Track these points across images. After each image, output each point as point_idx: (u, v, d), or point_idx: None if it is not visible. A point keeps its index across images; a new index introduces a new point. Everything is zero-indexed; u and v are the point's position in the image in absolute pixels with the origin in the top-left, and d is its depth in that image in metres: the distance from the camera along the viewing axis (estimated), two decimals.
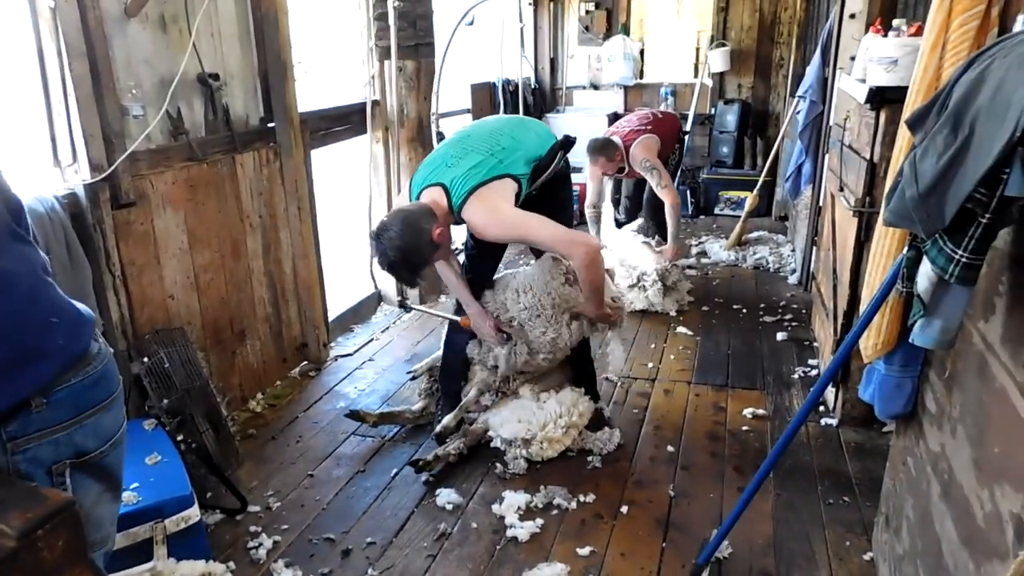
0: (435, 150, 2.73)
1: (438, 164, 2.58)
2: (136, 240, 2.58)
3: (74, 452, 1.28)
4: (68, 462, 1.27)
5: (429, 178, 2.56)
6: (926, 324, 1.47)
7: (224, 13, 2.93)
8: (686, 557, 2.25)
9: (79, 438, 1.29)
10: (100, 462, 1.33)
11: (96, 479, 1.33)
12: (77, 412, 1.28)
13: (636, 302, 4.28)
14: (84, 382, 1.29)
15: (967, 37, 1.58)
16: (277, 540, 2.36)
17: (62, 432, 1.26)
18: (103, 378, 1.34)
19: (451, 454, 2.75)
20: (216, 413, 2.67)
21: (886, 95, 2.51)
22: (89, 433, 1.30)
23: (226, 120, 2.95)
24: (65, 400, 1.26)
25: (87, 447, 1.30)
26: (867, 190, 2.69)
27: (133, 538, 1.95)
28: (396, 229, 2.36)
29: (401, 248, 2.36)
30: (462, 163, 2.52)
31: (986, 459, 1.39)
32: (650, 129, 4.39)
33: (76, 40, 2.26)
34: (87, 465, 1.31)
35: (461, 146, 2.60)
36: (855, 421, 2.97)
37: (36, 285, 1.25)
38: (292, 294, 3.48)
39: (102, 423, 1.33)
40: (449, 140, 2.73)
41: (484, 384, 2.94)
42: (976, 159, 1.14)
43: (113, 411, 1.36)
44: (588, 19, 6.99)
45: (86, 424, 1.29)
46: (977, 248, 1.21)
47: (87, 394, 1.30)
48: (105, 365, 1.35)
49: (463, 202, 2.45)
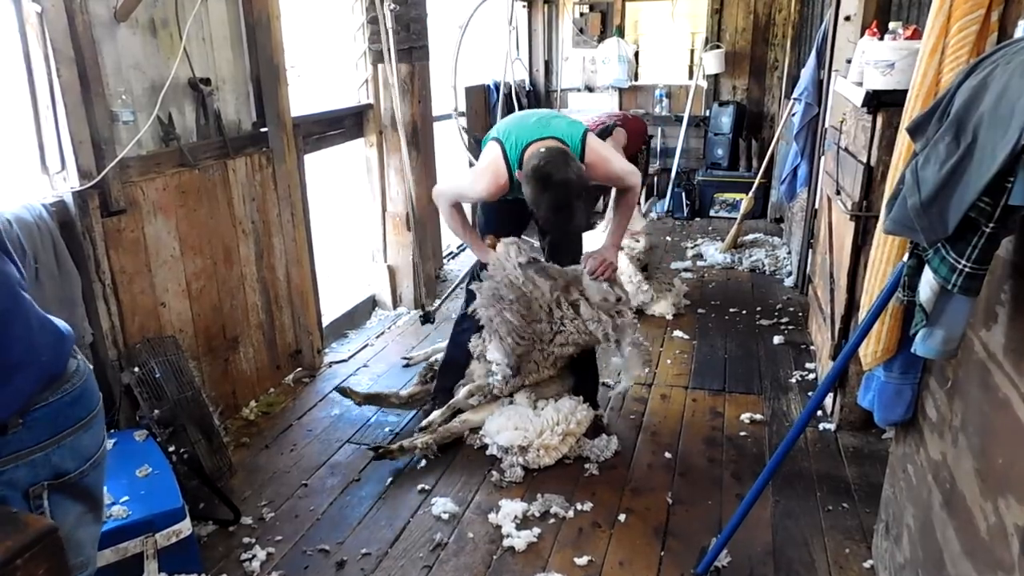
0: (507, 123, 2.82)
1: (532, 126, 2.70)
2: (126, 248, 2.54)
3: (52, 474, 1.23)
4: (46, 484, 1.22)
5: (530, 135, 2.66)
6: (928, 334, 1.45)
7: (215, 17, 2.90)
8: (685, 566, 2.23)
9: (57, 459, 1.24)
10: (79, 483, 1.28)
11: (76, 500, 1.28)
12: (55, 432, 1.23)
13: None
14: (63, 400, 1.24)
15: (967, 42, 1.56)
16: (271, 552, 2.33)
17: (39, 453, 1.21)
18: (83, 395, 1.29)
19: (417, 447, 2.76)
20: (208, 422, 2.64)
21: (883, 98, 2.50)
22: (67, 453, 1.25)
23: (218, 125, 2.92)
24: (43, 420, 1.21)
25: (66, 468, 1.25)
26: (864, 194, 2.68)
27: (123, 553, 1.91)
28: (563, 158, 2.49)
29: (582, 176, 2.51)
30: (554, 123, 2.71)
31: (989, 470, 1.37)
32: (619, 124, 4.51)
33: (64, 45, 2.23)
34: (66, 487, 1.26)
35: (537, 116, 2.78)
36: (853, 426, 2.95)
37: (11, 304, 1.20)
38: (285, 300, 3.45)
39: (81, 442, 1.28)
40: (516, 116, 2.86)
41: (477, 387, 2.93)
42: (980, 167, 1.12)
43: (93, 429, 1.31)
44: (582, 21, 6.97)
45: (64, 444, 1.25)
46: (980, 258, 1.19)
47: (65, 412, 1.25)
48: (84, 382, 1.30)
49: (582, 148, 2.67)
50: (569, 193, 2.47)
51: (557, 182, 2.44)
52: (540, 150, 2.54)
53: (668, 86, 6.90)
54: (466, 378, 3.06)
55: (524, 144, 2.65)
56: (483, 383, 2.93)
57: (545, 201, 2.48)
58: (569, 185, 2.45)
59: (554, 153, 2.51)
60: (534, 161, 2.50)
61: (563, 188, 2.45)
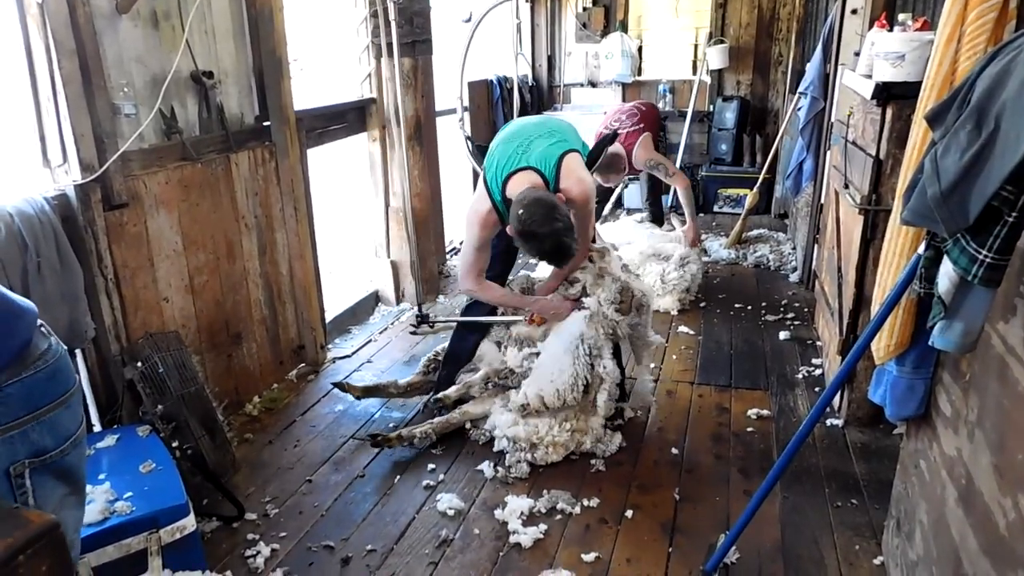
0: (495, 148, 2.87)
1: (511, 155, 2.75)
2: (129, 242, 2.52)
3: (32, 451, 1.25)
4: (27, 462, 1.24)
5: (508, 167, 2.72)
6: (946, 326, 1.42)
7: (218, 10, 2.87)
8: (693, 563, 2.21)
9: (36, 435, 1.26)
10: (61, 462, 1.31)
11: (59, 481, 1.31)
12: (32, 408, 1.25)
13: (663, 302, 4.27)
14: (37, 376, 1.26)
15: (984, 30, 1.53)
16: (275, 548, 2.31)
17: (16, 429, 1.23)
18: (59, 372, 1.31)
19: (416, 436, 2.76)
20: (212, 418, 2.62)
21: (893, 91, 2.47)
22: (46, 430, 1.28)
23: (220, 119, 2.89)
24: (17, 395, 1.23)
25: (45, 445, 1.28)
26: (873, 187, 2.65)
27: (126, 549, 1.89)
28: (543, 211, 2.51)
29: (565, 219, 2.54)
30: (534, 147, 2.73)
31: (1009, 465, 1.35)
32: (643, 127, 4.48)
33: (65, 37, 2.20)
34: (47, 465, 1.28)
35: (521, 138, 2.80)
36: (861, 421, 2.93)
37: None
38: (288, 296, 3.42)
39: (60, 420, 1.30)
40: (504, 137, 2.88)
41: (494, 371, 2.95)
42: (1003, 155, 1.10)
43: (71, 408, 1.34)
44: (585, 16, 6.93)
45: (43, 421, 1.27)
46: (1003, 248, 1.16)
47: (41, 389, 1.27)
48: (58, 360, 1.32)
49: (556, 175, 2.69)
50: (557, 239, 2.54)
51: (544, 235, 2.52)
52: (519, 212, 2.55)
53: (672, 81, 6.86)
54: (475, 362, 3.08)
55: (504, 176, 2.72)
56: (500, 367, 2.92)
57: (540, 252, 2.62)
58: (557, 234, 2.52)
59: (532, 206, 2.53)
60: (515, 221, 2.56)
61: (551, 239, 2.53)
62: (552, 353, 2.79)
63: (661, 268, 4.32)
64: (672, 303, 4.27)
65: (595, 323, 2.82)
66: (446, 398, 2.91)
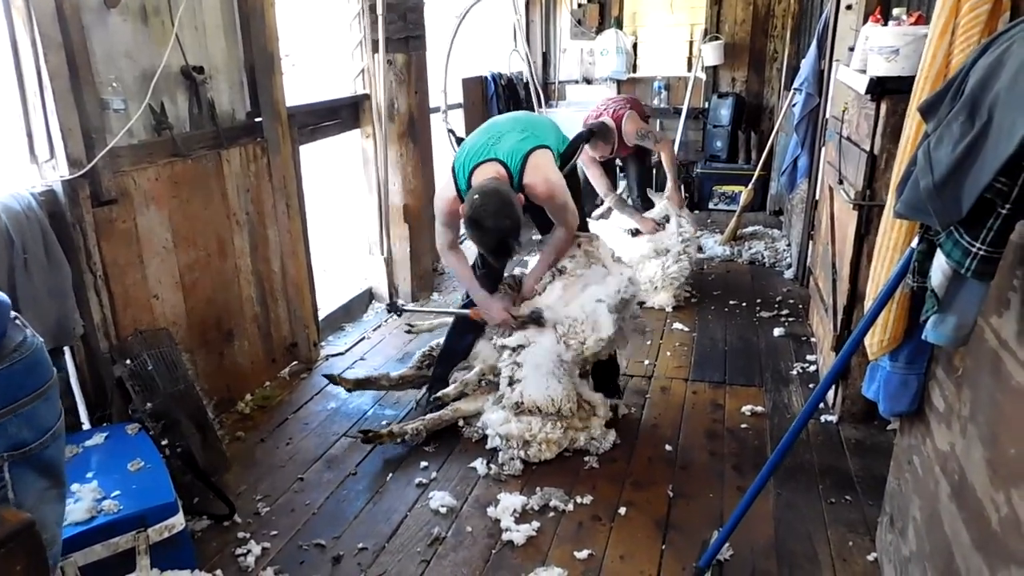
0: (469, 139, 2.88)
1: (480, 146, 2.75)
2: (118, 239, 2.49)
3: (11, 444, 1.25)
4: (6, 456, 1.24)
5: (476, 157, 2.72)
6: (940, 320, 1.41)
7: (208, 4, 2.84)
8: (686, 559, 2.20)
9: (14, 429, 1.25)
10: (40, 455, 1.30)
11: (38, 475, 1.30)
12: (9, 400, 1.25)
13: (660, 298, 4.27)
14: (13, 368, 1.25)
15: (978, 22, 1.52)
16: (266, 547, 2.29)
17: None
18: (36, 364, 1.31)
19: (408, 432, 2.75)
20: (202, 416, 2.60)
21: (887, 85, 2.46)
22: (25, 423, 1.27)
23: (211, 115, 2.87)
24: None
25: (24, 438, 1.27)
26: (867, 183, 2.64)
27: (114, 548, 1.87)
28: (496, 204, 2.50)
29: (515, 219, 2.53)
30: (504, 141, 2.73)
31: (1001, 460, 1.34)
32: (629, 107, 4.57)
33: (51, 30, 2.18)
34: (27, 459, 1.28)
35: (494, 131, 2.82)
36: (854, 417, 2.92)
37: None
38: (281, 293, 3.40)
39: (38, 412, 1.30)
40: (479, 131, 2.89)
41: (489, 367, 2.95)
42: (996, 147, 1.08)
43: (50, 401, 1.33)
44: (580, 13, 6.92)
45: (21, 413, 1.26)
46: (996, 240, 1.15)
47: (17, 382, 1.27)
48: (35, 352, 1.31)
49: (521, 169, 2.68)
50: (501, 238, 2.56)
51: (488, 228, 2.53)
52: (474, 196, 2.56)
53: (667, 78, 6.86)
54: (469, 360, 3.08)
55: (470, 168, 2.73)
56: (495, 365, 2.91)
57: (482, 244, 2.66)
58: (501, 232, 2.54)
59: (488, 196, 2.54)
60: (468, 205, 2.57)
61: (494, 234, 2.55)
62: (534, 365, 2.78)
63: (661, 262, 4.30)
64: (667, 300, 4.26)
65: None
66: (445, 396, 2.90)
